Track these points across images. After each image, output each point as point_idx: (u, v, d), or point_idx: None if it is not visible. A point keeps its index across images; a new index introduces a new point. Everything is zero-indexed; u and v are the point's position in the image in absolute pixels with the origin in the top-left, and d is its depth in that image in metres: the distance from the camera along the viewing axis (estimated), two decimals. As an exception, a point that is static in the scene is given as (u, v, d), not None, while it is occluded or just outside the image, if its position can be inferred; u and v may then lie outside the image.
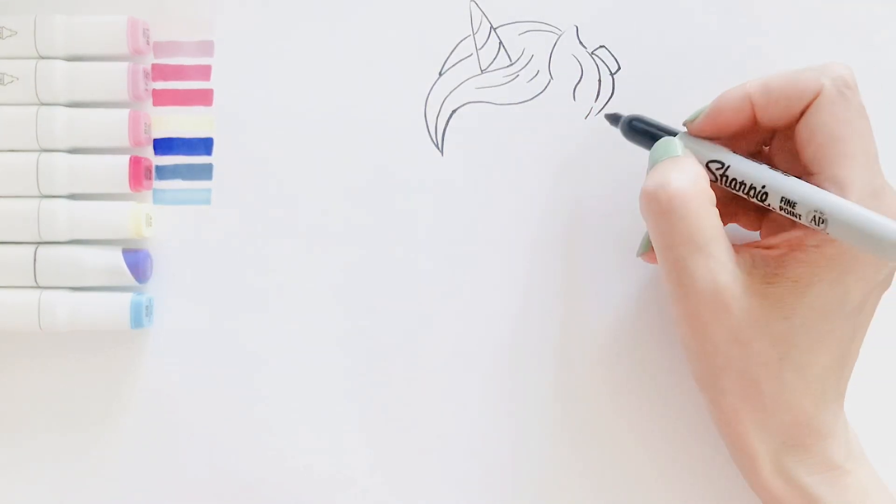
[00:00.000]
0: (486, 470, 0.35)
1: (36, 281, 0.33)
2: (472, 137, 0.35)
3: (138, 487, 0.35)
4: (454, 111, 0.35)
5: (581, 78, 0.35)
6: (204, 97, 0.35)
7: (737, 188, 0.29)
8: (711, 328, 0.28)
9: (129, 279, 0.34)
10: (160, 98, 0.35)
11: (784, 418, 0.29)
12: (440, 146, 0.35)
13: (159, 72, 0.35)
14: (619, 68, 0.35)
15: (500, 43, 0.35)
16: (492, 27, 0.35)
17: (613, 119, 0.33)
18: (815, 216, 0.27)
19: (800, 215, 0.27)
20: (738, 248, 0.29)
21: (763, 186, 0.28)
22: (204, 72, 0.35)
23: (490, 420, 0.35)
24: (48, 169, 0.33)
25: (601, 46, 0.35)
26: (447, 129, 0.35)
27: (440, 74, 0.35)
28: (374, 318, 0.35)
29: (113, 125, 0.34)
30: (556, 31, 0.35)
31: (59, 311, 0.33)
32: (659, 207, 0.28)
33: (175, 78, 0.35)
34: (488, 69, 0.35)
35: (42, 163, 0.33)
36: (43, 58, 0.34)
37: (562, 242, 0.35)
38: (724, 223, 0.29)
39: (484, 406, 0.35)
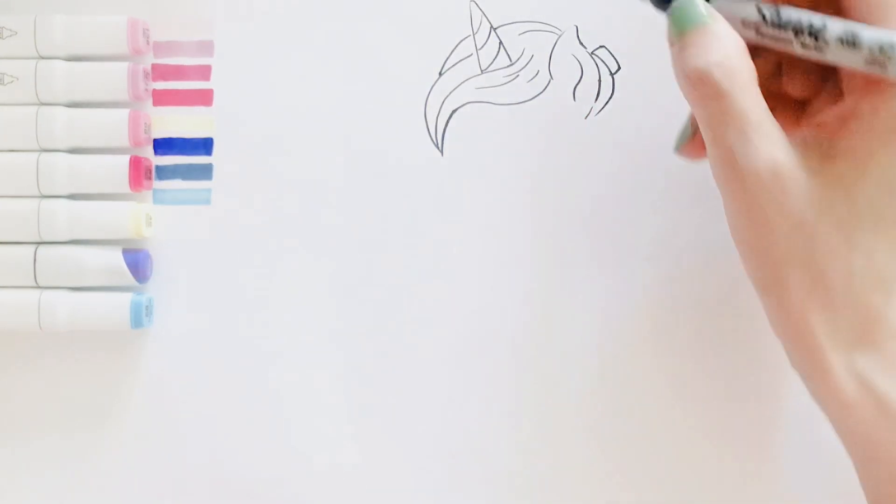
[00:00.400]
0: (487, 469, 0.35)
1: (36, 281, 0.33)
2: (472, 137, 0.35)
3: (138, 487, 0.35)
4: (454, 111, 0.35)
5: (581, 78, 0.35)
6: (204, 97, 0.35)
7: (787, 27, 0.27)
8: (771, 214, 0.26)
9: (128, 279, 0.34)
10: (160, 98, 0.35)
11: (854, 314, 0.27)
12: (440, 146, 0.35)
13: (159, 72, 0.35)
14: (619, 68, 0.35)
15: (500, 43, 0.35)
16: (492, 27, 0.35)
17: None
18: (880, 46, 0.25)
19: (861, 44, 0.25)
20: (788, 129, 0.27)
21: (823, 25, 0.26)
22: (204, 72, 0.35)
23: (491, 419, 0.35)
24: (48, 169, 0.33)
25: (601, 46, 0.35)
26: (447, 129, 0.35)
27: (440, 74, 0.35)
28: (374, 318, 0.35)
29: (113, 125, 0.34)
30: (556, 31, 0.35)
31: (59, 311, 0.33)
32: (708, 90, 0.26)
33: (175, 78, 0.35)
34: (488, 69, 0.35)
35: (42, 163, 0.33)
36: (43, 58, 0.34)
37: (561, 242, 0.35)
38: None
39: (485, 406, 0.35)
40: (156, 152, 0.35)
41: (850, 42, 0.25)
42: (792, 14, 0.27)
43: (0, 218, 0.33)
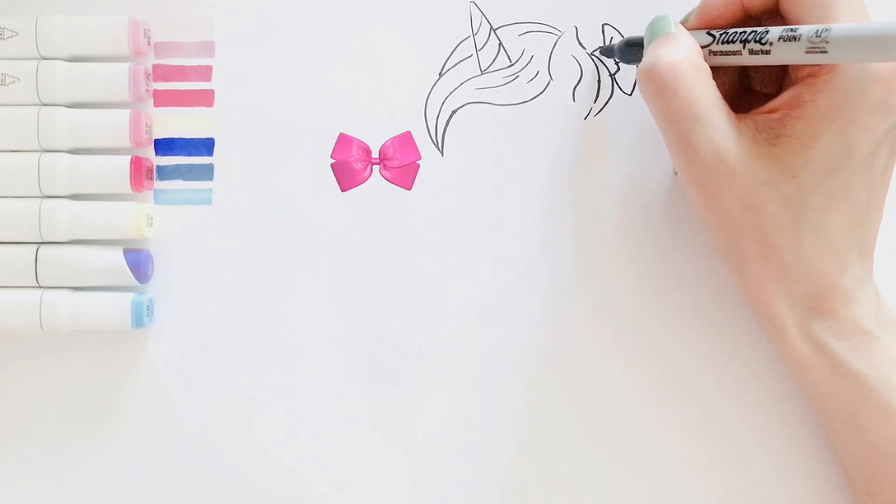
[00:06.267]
0: (484, 470, 0.35)
1: (37, 281, 0.33)
2: (472, 137, 0.35)
3: (138, 487, 0.35)
4: (454, 111, 0.35)
5: (580, 79, 0.35)
6: (205, 98, 0.35)
7: (735, 40, 0.29)
8: (722, 196, 0.29)
9: (130, 279, 0.34)
10: (161, 99, 0.35)
11: (808, 283, 0.29)
12: (440, 146, 0.35)
13: (160, 72, 0.35)
14: (619, 69, 0.35)
15: (500, 44, 0.35)
16: (492, 28, 0.35)
17: (608, 51, 0.34)
18: (817, 31, 0.26)
19: (800, 36, 0.27)
20: (740, 116, 0.29)
21: (766, 30, 0.28)
22: (205, 72, 0.35)
23: (489, 420, 0.35)
24: (49, 169, 0.33)
25: (600, 47, 0.35)
26: (447, 129, 0.35)
27: (440, 75, 0.35)
28: (373, 318, 0.35)
29: (114, 126, 0.34)
30: (556, 32, 0.35)
31: (60, 310, 0.33)
32: (654, 85, 0.29)
33: (176, 79, 0.35)
34: (488, 70, 0.35)
35: (43, 163, 0.33)
36: (44, 58, 0.34)
37: (561, 242, 0.35)
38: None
39: (483, 406, 0.35)
40: (157, 153, 0.35)
41: (791, 37, 0.27)
42: (738, 29, 0.29)
43: (1, 218, 0.33)
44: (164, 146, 0.35)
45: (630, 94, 0.35)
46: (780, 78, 0.32)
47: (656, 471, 0.34)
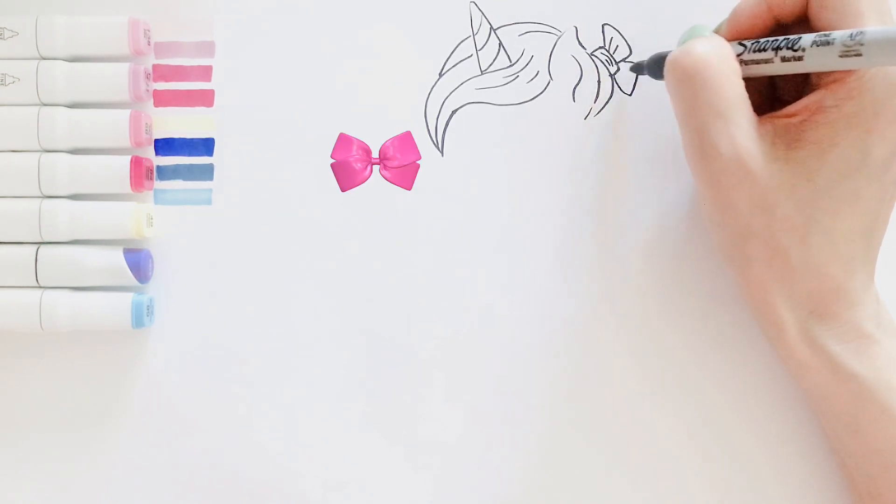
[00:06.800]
0: (485, 470, 0.35)
1: (37, 281, 0.33)
2: (472, 137, 0.35)
3: (138, 487, 0.35)
4: (454, 111, 0.35)
5: (580, 79, 0.35)
6: (205, 98, 0.35)
7: (767, 48, 0.29)
8: (734, 195, 0.29)
9: (130, 279, 0.34)
10: (161, 99, 0.35)
11: (812, 286, 0.29)
12: (440, 146, 0.35)
13: (160, 72, 0.35)
14: (619, 69, 0.35)
15: (500, 44, 0.35)
16: (492, 28, 0.35)
17: (637, 68, 0.34)
18: (851, 34, 0.26)
19: (834, 40, 0.27)
20: (761, 119, 0.29)
21: (798, 37, 0.28)
22: (205, 72, 0.35)
23: (489, 421, 0.35)
24: (49, 169, 0.33)
25: (600, 47, 0.35)
26: (447, 129, 0.35)
27: (440, 75, 0.35)
28: (373, 318, 0.35)
29: (114, 126, 0.34)
30: (556, 32, 0.35)
31: (60, 310, 0.33)
32: (682, 73, 0.29)
33: (176, 79, 0.35)
34: (488, 70, 0.35)
35: (43, 163, 0.33)
36: (44, 58, 0.34)
37: (561, 242, 0.35)
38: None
39: (483, 407, 0.35)
40: (157, 153, 0.35)
41: (824, 42, 0.27)
42: (769, 38, 0.29)
43: (1, 218, 0.33)
44: (164, 146, 0.35)
45: (630, 94, 0.35)
46: (802, 85, 0.31)
47: (658, 471, 0.34)
